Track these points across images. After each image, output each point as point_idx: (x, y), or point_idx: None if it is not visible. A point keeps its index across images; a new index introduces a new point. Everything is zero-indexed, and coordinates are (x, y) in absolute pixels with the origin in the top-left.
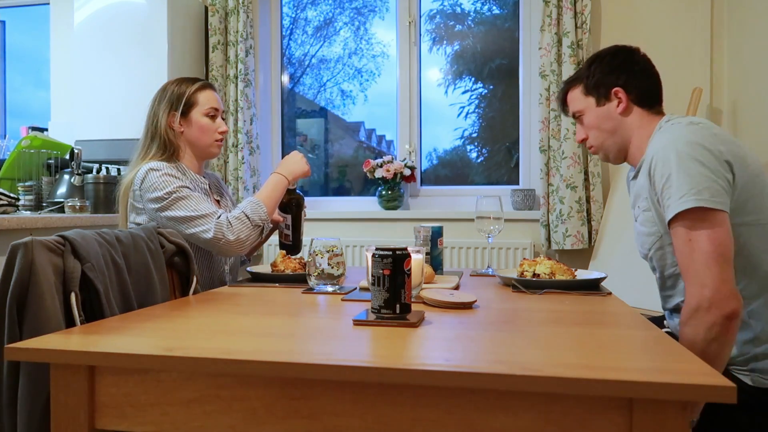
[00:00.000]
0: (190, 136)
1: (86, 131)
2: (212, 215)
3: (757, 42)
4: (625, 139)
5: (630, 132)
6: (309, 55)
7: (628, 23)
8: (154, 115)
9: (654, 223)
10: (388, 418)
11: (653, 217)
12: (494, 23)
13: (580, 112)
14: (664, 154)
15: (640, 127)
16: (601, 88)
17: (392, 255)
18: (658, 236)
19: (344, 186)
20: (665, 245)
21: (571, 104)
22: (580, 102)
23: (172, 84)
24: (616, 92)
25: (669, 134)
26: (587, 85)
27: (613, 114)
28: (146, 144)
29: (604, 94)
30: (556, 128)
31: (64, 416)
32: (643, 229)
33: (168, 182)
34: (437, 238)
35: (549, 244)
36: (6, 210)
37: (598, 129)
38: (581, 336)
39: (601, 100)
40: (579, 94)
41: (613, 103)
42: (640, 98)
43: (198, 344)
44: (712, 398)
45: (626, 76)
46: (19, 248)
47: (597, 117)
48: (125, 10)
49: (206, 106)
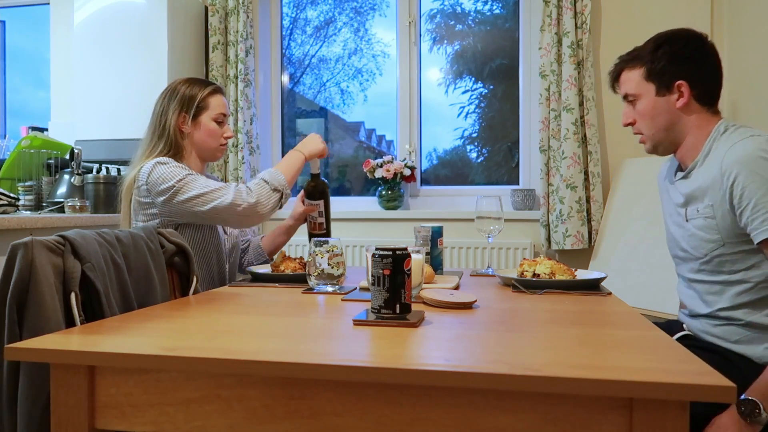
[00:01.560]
0: (196, 139)
1: (86, 131)
2: (228, 185)
3: (757, 42)
4: (679, 136)
5: (686, 130)
6: (309, 55)
7: (628, 23)
8: (163, 113)
9: (717, 231)
10: (388, 418)
11: (716, 226)
12: (494, 23)
13: (635, 96)
14: (748, 169)
15: (698, 126)
16: (665, 76)
17: (392, 255)
18: (719, 244)
19: (344, 186)
20: (725, 254)
21: (625, 84)
22: (638, 86)
23: (183, 84)
24: (680, 85)
25: (756, 147)
26: (651, 70)
27: (672, 108)
28: (152, 142)
29: (666, 84)
30: (556, 128)
31: (64, 416)
32: (701, 234)
33: (176, 173)
34: (437, 238)
35: (549, 244)
36: (6, 210)
37: (652, 120)
38: (581, 336)
39: (661, 90)
40: (638, 77)
41: (674, 95)
42: (703, 95)
43: (198, 344)
44: (712, 398)
45: (695, 68)
46: (19, 248)
47: (654, 107)
48: (125, 10)
49: (216, 111)
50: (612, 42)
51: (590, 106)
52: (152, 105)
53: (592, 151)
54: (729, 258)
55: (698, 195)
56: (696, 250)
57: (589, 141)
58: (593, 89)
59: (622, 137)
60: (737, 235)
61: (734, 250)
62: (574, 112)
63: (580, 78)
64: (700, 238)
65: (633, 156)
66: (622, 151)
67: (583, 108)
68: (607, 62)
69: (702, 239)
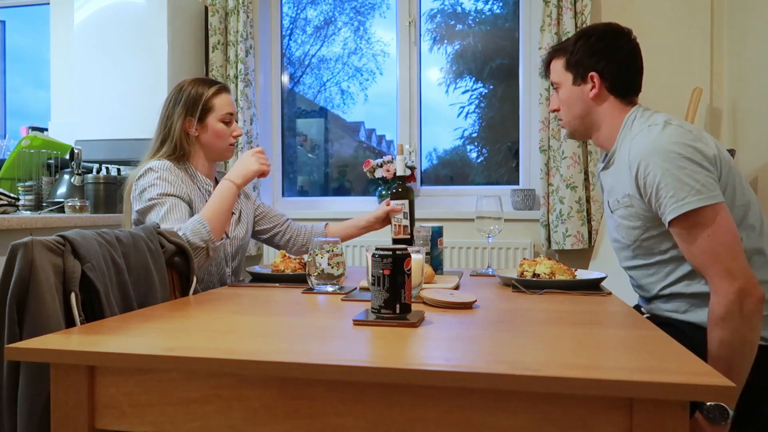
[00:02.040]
0: (204, 141)
1: (86, 131)
2: (190, 222)
3: (757, 42)
4: (593, 124)
5: (599, 119)
6: (309, 55)
7: (628, 23)
8: (168, 117)
9: (638, 218)
10: (388, 418)
11: (636, 213)
12: (494, 23)
13: (557, 84)
14: (653, 160)
15: (610, 116)
16: (580, 67)
17: (392, 255)
18: (643, 230)
19: (344, 186)
20: (651, 237)
21: (552, 73)
22: (560, 75)
23: (189, 85)
24: (592, 77)
25: (650, 136)
26: (568, 61)
27: (585, 97)
28: (156, 144)
29: (581, 75)
30: (556, 128)
31: (64, 416)
32: (625, 222)
33: (154, 187)
34: (437, 238)
35: (549, 244)
36: (6, 210)
37: (569, 108)
38: (581, 336)
39: (577, 80)
40: (560, 66)
41: (587, 86)
42: (616, 87)
43: (198, 344)
44: (713, 398)
45: (606, 61)
46: (19, 248)
47: (570, 95)
48: (125, 10)
49: (222, 112)
50: None
51: None
52: (152, 105)
53: (592, 151)
54: (656, 240)
55: (616, 186)
56: (625, 238)
57: (589, 141)
58: None
59: None
60: (656, 219)
61: (658, 231)
62: None
63: None
64: (626, 226)
65: None
66: None
67: None
68: None
69: (627, 227)
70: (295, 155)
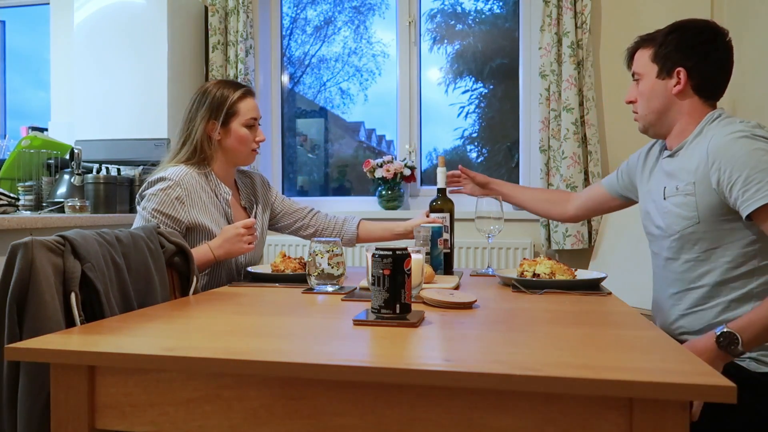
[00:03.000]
0: (227, 145)
1: (86, 131)
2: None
3: (757, 42)
4: (670, 122)
5: (678, 117)
6: (309, 55)
7: (628, 23)
8: (191, 120)
9: (695, 209)
10: (388, 418)
11: (695, 203)
12: (494, 23)
13: (639, 75)
14: (733, 150)
15: (688, 115)
16: (668, 61)
17: (392, 255)
18: (694, 221)
19: (344, 186)
20: (698, 232)
21: (636, 62)
22: (644, 65)
23: (214, 86)
24: (679, 72)
25: (734, 130)
26: (657, 53)
27: (667, 92)
28: (178, 146)
29: (667, 69)
30: (556, 128)
31: (64, 416)
32: (677, 210)
33: (154, 199)
34: (437, 238)
35: (549, 244)
36: (6, 210)
37: (648, 101)
38: (581, 336)
39: (662, 73)
40: (646, 57)
41: (672, 81)
42: (703, 87)
43: (198, 344)
44: (713, 398)
45: (698, 59)
46: (19, 248)
47: (651, 89)
48: (125, 10)
49: (247, 117)
50: (612, 42)
51: (590, 106)
52: (152, 105)
53: (592, 151)
54: (702, 236)
55: (680, 173)
56: (670, 227)
57: (589, 141)
58: (593, 89)
59: (622, 137)
60: (715, 215)
61: (707, 228)
62: (574, 112)
63: (580, 78)
64: (676, 214)
65: None
66: (622, 151)
67: (583, 108)
68: (607, 62)
69: (678, 215)
70: (295, 155)
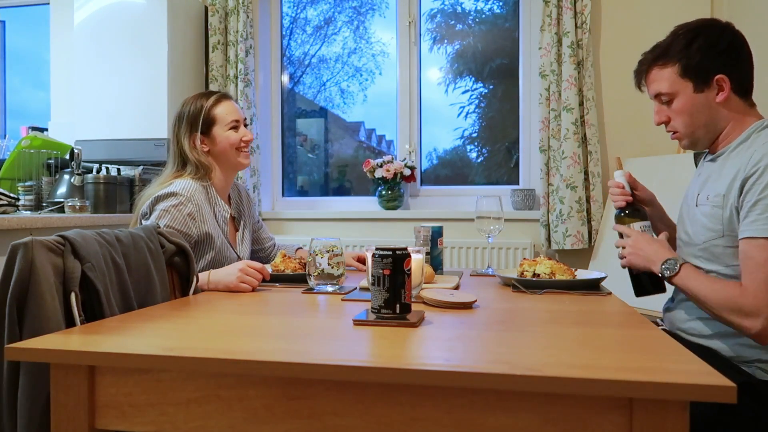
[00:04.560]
0: (216, 153)
1: (86, 131)
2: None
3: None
4: (718, 129)
5: (725, 122)
6: (309, 55)
7: (628, 23)
8: (177, 140)
9: (720, 222)
10: (388, 418)
11: (721, 216)
12: (494, 23)
13: (671, 95)
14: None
15: (735, 119)
16: (703, 72)
17: (392, 255)
18: (719, 234)
19: (344, 186)
20: (721, 246)
21: (656, 83)
22: (673, 84)
23: (188, 102)
24: (719, 80)
25: None
26: (686, 67)
27: (712, 103)
28: (176, 166)
29: (704, 80)
30: (556, 128)
31: (64, 416)
32: (704, 220)
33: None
34: (437, 238)
35: (549, 244)
36: (6, 210)
37: (691, 117)
38: (581, 336)
39: (699, 86)
40: (672, 75)
41: (713, 91)
42: (741, 87)
43: (198, 344)
44: (712, 398)
45: (733, 62)
46: (19, 248)
47: (693, 104)
48: (125, 10)
49: (227, 120)
50: (612, 42)
51: (590, 106)
52: (152, 105)
53: (592, 151)
54: (723, 251)
55: (713, 182)
56: (696, 236)
57: (589, 141)
58: (593, 89)
59: (622, 137)
60: (735, 231)
61: (729, 244)
62: (574, 111)
63: (580, 78)
64: (702, 224)
65: (633, 156)
66: (622, 150)
67: (583, 108)
68: (607, 62)
69: (704, 226)
70: (295, 155)
